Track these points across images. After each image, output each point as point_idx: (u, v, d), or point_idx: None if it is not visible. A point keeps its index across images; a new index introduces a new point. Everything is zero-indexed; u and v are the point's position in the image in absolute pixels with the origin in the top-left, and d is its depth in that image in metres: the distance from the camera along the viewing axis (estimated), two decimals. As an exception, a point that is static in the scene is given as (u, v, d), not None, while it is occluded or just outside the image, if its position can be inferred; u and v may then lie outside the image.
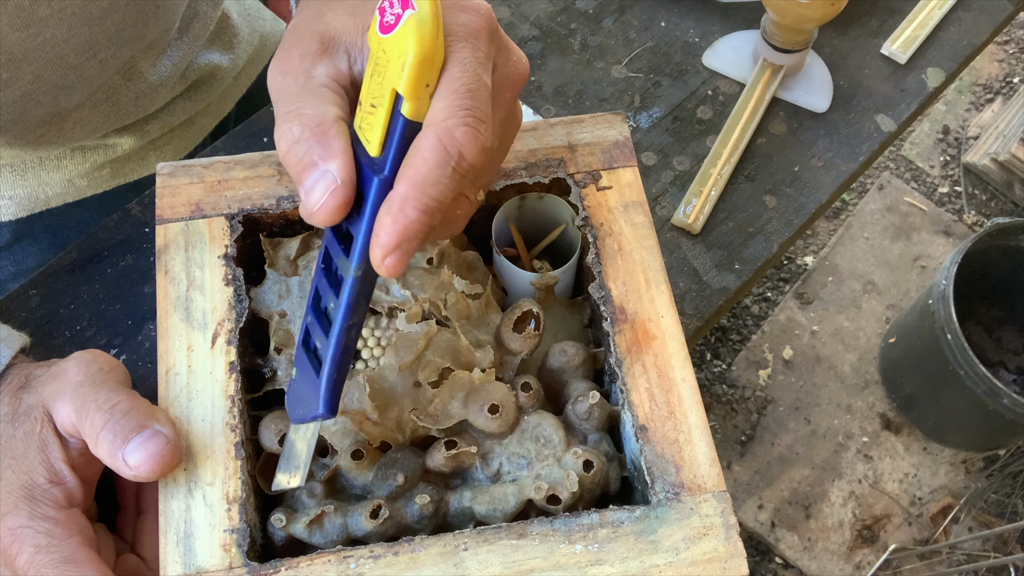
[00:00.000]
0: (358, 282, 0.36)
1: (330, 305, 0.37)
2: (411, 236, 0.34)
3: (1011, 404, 1.31)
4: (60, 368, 0.43)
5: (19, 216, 0.66)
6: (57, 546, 0.39)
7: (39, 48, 0.52)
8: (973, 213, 1.83)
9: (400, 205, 0.34)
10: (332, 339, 0.36)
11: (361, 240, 0.35)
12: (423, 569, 0.38)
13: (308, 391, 0.38)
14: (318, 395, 0.37)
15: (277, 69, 0.39)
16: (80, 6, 0.52)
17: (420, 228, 0.34)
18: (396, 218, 0.34)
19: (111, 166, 0.68)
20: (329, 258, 0.37)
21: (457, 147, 0.34)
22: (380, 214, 0.34)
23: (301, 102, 0.37)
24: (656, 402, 0.43)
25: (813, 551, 1.51)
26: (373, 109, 0.35)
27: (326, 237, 0.37)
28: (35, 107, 0.56)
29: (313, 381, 0.37)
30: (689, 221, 0.63)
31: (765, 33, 0.68)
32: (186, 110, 0.70)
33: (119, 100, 0.62)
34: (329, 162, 0.35)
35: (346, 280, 0.36)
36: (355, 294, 0.36)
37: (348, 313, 0.36)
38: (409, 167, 0.34)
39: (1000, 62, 2.00)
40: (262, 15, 0.77)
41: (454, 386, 0.43)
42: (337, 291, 0.36)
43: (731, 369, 1.65)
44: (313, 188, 0.35)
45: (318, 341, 0.38)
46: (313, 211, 0.35)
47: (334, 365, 0.37)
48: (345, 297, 0.36)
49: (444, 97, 0.35)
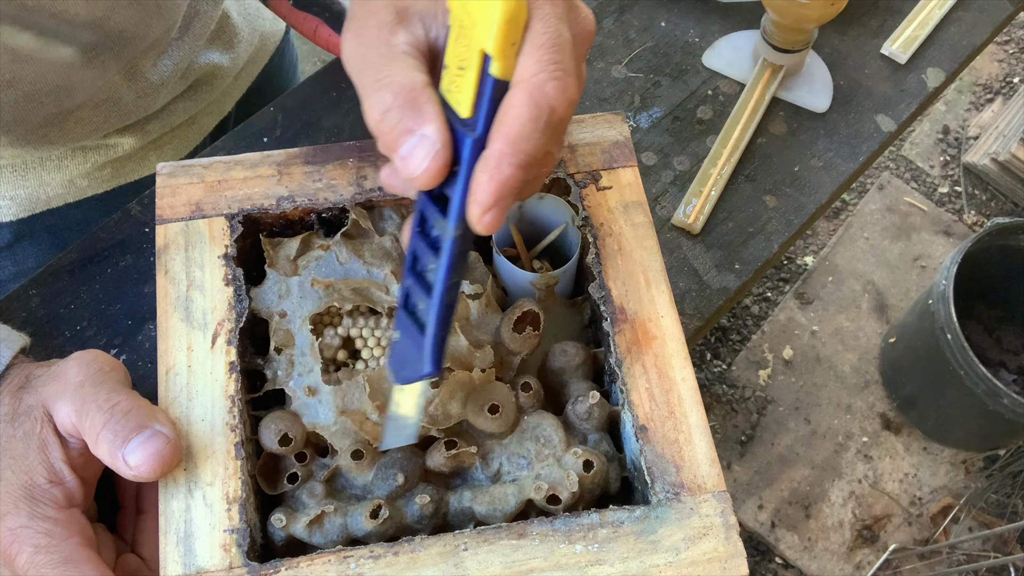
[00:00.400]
0: (457, 241, 0.37)
1: (428, 267, 0.38)
2: (508, 192, 0.35)
3: (1011, 404, 1.31)
4: (60, 368, 0.43)
5: (20, 216, 0.66)
6: (57, 546, 0.39)
7: (41, 48, 0.52)
8: (973, 213, 1.83)
9: (496, 162, 0.34)
10: (435, 299, 0.37)
11: (458, 200, 0.36)
12: (423, 569, 0.38)
13: (412, 352, 0.38)
14: (423, 354, 0.38)
15: (354, 42, 0.39)
16: (83, 7, 0.52)
17: (516, 184, 0.35)
18: (493, 175, 0.34)
19: (112, 166, 0.68)
20: (423, 221, 0.38)
21: (548, 101, 0.35)
22: (476, 172, 0.35)
23: (388, 71, 0.37)
24: (656, 402, 0.43)
25: (813, 551, 1.51)
26: (461, 71, 0.36)
27: (420, 202, 0.38)
28: (37, 107, 0.56)
29: (417, 341, 0.38)
30: (689, 221, 0.63)
31: (765, 33, 0.68)
32: (186, 110, 0.70)
33: (120, 100, 0.62)
34: (425, 126, 0.36)
35: (445, 241, 0.37)
36: (455, 253, 0.37)
37: (449, 272, 0.37)
38: (503, 124, 0.35)
39: (1000, 62, 2.00)
40: (262, 15, 0.77)
41: (454, 386, 0.43)
42: (435, 253, 0.37)
43: (731, 369, 1.65)
44: (412, 154, 0.36)
45: (419, 302, 0.38)
46: (415, 175, 0.36)
47: (438, 324, 0.37)
48: (446, 257, 0.37)
49: (531, 53, 0.35)
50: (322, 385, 0.44)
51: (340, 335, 0.46)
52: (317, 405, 0.44)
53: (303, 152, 0.49)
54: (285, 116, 0.65)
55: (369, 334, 0.46)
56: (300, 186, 0.48)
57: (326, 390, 0.44)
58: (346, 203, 0.47)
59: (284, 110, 0.66)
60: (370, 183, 0.48)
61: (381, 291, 0.46)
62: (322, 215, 0.48)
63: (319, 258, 0.47)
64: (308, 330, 0.45)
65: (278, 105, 0.66)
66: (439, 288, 0.37)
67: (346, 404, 0.43)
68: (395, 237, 0.48)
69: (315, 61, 1.80)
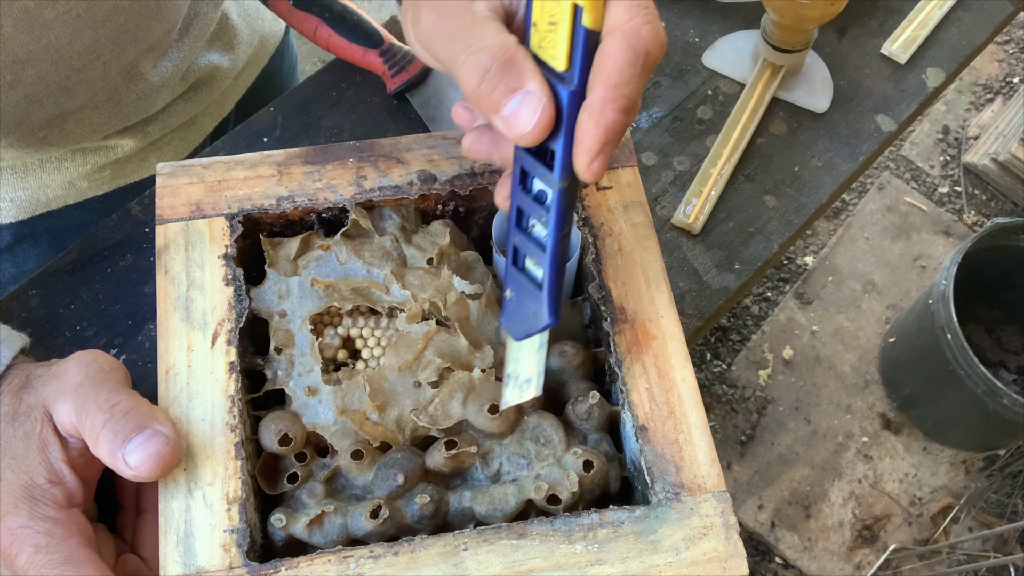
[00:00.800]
0: (565, 192, 0.38)
1: (533, 222, 0.39)
2: (613, 137, 0.36)
3: (1011, 404, 1.31)
4: (60, 368, 0.43)
5: (20, 218, 0.66)
6: (57, 546, 0.39)
7: (43, 50, 0.52)
8: (973, 213, 1.83)
9: (600, 108, 0.35)
10: (548, 250, 0.38)
11: (562, 152, 0.37)
12: (423, 569, 0.38)
13: (528, 306, 0.40)
14: (542, 306, 0.39)
15: (434, 14, 0.39)
16: (84, 8, 0.52)
17: (620, 128, 0.36)
18: (598, 122, 0.35)
19: (112, 167, 0.68)
20: (525, 177, 0.39)
21: (644, 45, 0.36)
22: (581, 121, 0.36)
23: (479, 35, 0.37)
24: (656, 402, 0.43)
25: (813, 551, 1.51)
26: (552, 27, 0.37)
27: (522, 160, 0.39)
28: (38, 109, 0.56)
29: (533, 295, 0.39)
30: (689, 221, 0.63)
31: (765, 33, 0.68)
32: (186, 111, 0.70)
33: (120, 101, 0.62)
34: (527, 83, 0.36)
35: (553, 193, 0.38)
36: (564, 204, 0.38)
37: (559, 223, 0.38)
38: (602, 72, 0.36)
39: (1000, 62, 2.00)
40: (261, 15, 0.77)
41: (454, 386, 0.43)
42: (540, 207, 0.39)
43: (731, 369, 1.65)
44: (519, 111, 0.36)
45: (530, 257, 0.40)
46: (524, 132, 0.36)
47: (554, 274, 0.39)
48: (555, 209, 0.38)
49: (620, 2, 0.36)
50: (322, 385, 0.44)
51: (340, 335, 0.46)
52: (317, 405, 0.44)
53: (303, 152, 0.49)
54: (285, 116, 0.65)
55: (369, 334, 0.46)
56: (300, 186, 0.48)
57: (326, 390, 0.44)
58: (346, 203, 0.47)
59: (284, 110, 0.66)
60: (370, 183, 0.48)
61: (381, 291, 0.46)
62: (322, 215, 0.48)
63: (319, 258, 0.47)
64: (308, 330, 0.45)
65: (278, 105, 0.66)
66: (552, 240, 0.38)
67: (346, 404, 0.43)
68: (395, 237, 0.48)
69: (315, 61, 1.80)
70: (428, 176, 0.48)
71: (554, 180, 0.37)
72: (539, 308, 0.39)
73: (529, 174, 0.39)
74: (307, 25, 0.66)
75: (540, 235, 0.39)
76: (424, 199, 0.49)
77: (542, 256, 0.39)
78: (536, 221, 0.39)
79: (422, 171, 0.48)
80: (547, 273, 0.39)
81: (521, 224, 0.40)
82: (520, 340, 0.41)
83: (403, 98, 0.66)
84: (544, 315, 0.39)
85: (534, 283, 0.40)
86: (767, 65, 0.69)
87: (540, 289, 0.39)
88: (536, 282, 0.39)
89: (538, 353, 0.41)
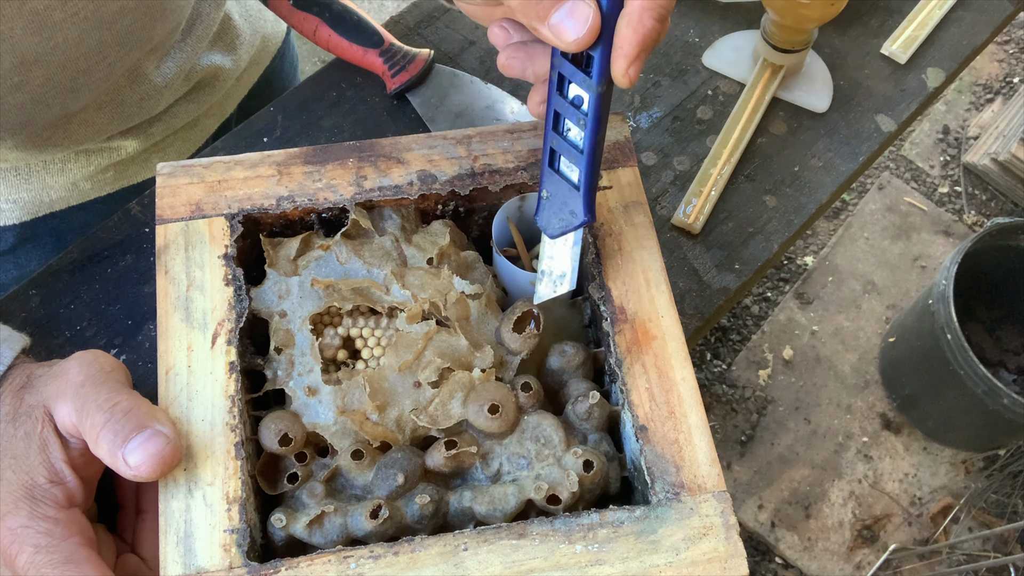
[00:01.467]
0: (602, 97, 0.40)
1: (569, 126, 0.42)
2: (649, 44, 0.38)
3: (1011, 404, 1.31)
4: (61, 368, 0.43)
5: (23, 220, 0.66)
6: (57, 546, 0.39)
7: (51, 52, 0.52)
8: (973, 213, 1.83)
9: (639, 16, 0.37)
10: (586, 152, 0.41)
11: (601, 58, 0.39)
12: (423, 569, 0.38)
13: (564, 205, 0.43)
14: (580, 204, 0.42)
15: None
16: (92, 10, 0.52)
17: (655, 36, 0.38)
18: (636, 28, 0.37)
19: (115, 169, 0.68)
20: (562, 83, 0.41)
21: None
22: (620, 28, 0.38)
23: None
24: (656, 402, 0.43)
25: (813, 551, 1.51)
26: None
27: (560, 67, 0.41)
28: (43, 110, 0.56)
29: (569, 194, 0.42)
30: (689, 221, 0.63)
31: (765, 33, 0.68)
32: (189, 112, 0.70)
33: (124, 102, 0.62)
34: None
35: (591, 97, 0.40)
36: (601, 108, 0.40)
37: (596, 125, 0.40)
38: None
39: (1000, 62, 2.00)
40: (263, 16, 0.77)
41: (454, 386, 0.44)
42: (577, 111, 0.41)
43: (731, 369, 1.65)
44: (568, 17, 0.38)
45: (565, 159, 0.42)
46: (575, 38, 0.38)
47: (590, 175, 0.41)
48: (592, 111, 0.40)
49: None
50: (322, 385, 0.44)
51: (340, 335, 0.46)
52: (317, 405, 0.44)
53: (303, 152, 0.49)
54: (285, 116, 0.66)
55: (369, 334, 0.46)
56: (300, 186, 0.48)
57: (326, 390, 0.44)
58: (346, 203, 0.47)
59: (284, 110, 0.66)
60: (370, 183, 0.48)
61: (381, 291, 0.46)
62: (322, 215, 0.48)
63: (319, 258, 0.47)
64: (308, 330, 0.45)
65: (278, 105, 0.66)
66: (588, 141, 0.41)
67: (346, 404, 0.43)
68: (395, 237, 0.48)
69: (315, 61, 1.80)
70: (428, 176, 0.48)
71: (592, 84, 0.39)
72: (576, 206, 0.42)
73: (566, 80, 0.41)
74: (307, 25, 0.66)
75: (575, 139, 0.41)
76: (424, 199, 0.49)
77: (579, 158, 0.41)
78: (572, 125, 0.41)
79: (422, 171, 0.48)
80: (584, 174, 0.41)
81: (558, 128, 0.42)
82: (555, 238, 0.43)
83: (403, 98, 0.66)
84: (581, 212, 0.42)
85: (570, 183, 0.42)
86: (767, 65, 0.69)
87: (577, 189, 0.42)
88: (572, 183, 0.42)
89: (572, 250, 0.44)
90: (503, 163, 0.49)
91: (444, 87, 0.66)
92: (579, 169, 0.41)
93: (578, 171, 0.42)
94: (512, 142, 0.50)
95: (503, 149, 0.49)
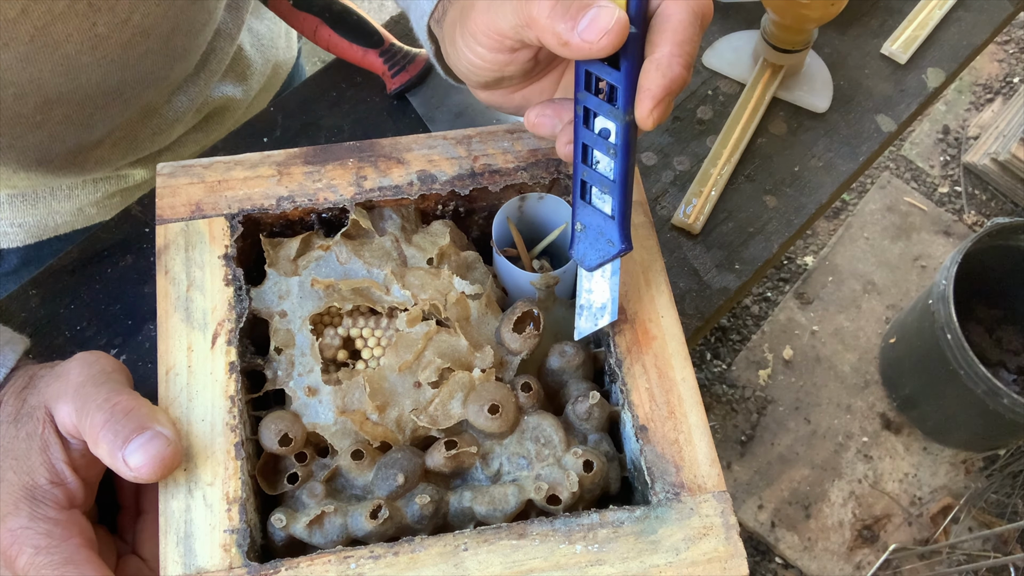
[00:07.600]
0: (630, 126, 0.41)
1: (598, 159, 0.42)
2: (675, 90, 0.39)
3: (1011, 404, 1.31)
4: (62, 369, 0.43)
5: (27, 243, 0.67)
6: (57, 547, 0.39)
7: (73, 91, 0.53)
8: (973, 213, 1.83)
9: (668, 62, 0.38)
10: (618, 181, 0.41)
11: (625, 88, 0.40)
12: (423, 569, 0.38)
13: (600, 235, 0.43)
14: (616, 233, 0.42)
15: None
16: (119, 54, 0.53)
17: (681, 83, 0.39)
18: (665, 73, 0.38)
19: (121, 195, 0.69)
20: (588, 117, 0.42)
21: (703, 8, 0.39)
22: (647, 71, 0.39)
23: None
24: (656, 402, 0.43)
25: (813, 551, 1.51)
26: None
27: (585, 101, 0.41)
28: (59, 145, 0.57)
29: (604, 224, 0.43)
30: (689, 221, 0.63)
31: (765, 33, 0.68)
32: (198, 141, 0.70)
33: (136, 137, 0.63)
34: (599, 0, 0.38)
35: (618, 126, 0.41)
36: (629, 137, 0.41)
37: (626, 154, 0.41)
38: (668, 31, 0.39)
39: (1000, 62, 2.00)
40: (275, 43, 0.76)
41: (454, 386, 0.43)
42: (605, 141, 0.41)
43: (731, 369, 1.65)
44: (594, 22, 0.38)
45: (597, 190, 0.43)
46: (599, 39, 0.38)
47: (624, 204, 0.42)
48: (621, 140, 0.41)
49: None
50: (322, 385, 0.44)
51: (340, 335, 0.46)
52: (317, 405, 0.44)
53: (303, 152, 0.49)
54: (285, 116, 0.66)
55: (369, 334, 0.46)
56: (300, 186, 0.48)
57: (326, 390, 0.44)
58: (346, 203, 0.47)
59: (284, 110, 0.66)
60: (370, 183, 0.48)
61: (381, 291, 0.46)
62: (322, 215, 0.48)
63: (319, 258, 0.47)
64: (308, 330, 0.45)
65: (278, 105, 0.66)
66: (620, 169, 0.41)
67: (346, 404, 0.43)
68: (395, 237, 0.48)
69: (315, 61, 1.80)
70: (428, 176, 0.48)
71: (619, 114, 0.40)
72: (612, 235, 0.42)
73: (592, 113, 0.42)
74: (307, 25, 0.66)
75: (605, 171, 0.42)
76: (424, 199, 0.49)
77: (612, 187, 0.42)
78: (602, 156, 0.42)
79: (422, 171, 0.48)
80: (617, 203, 0.42)
81: (587, 160, 0.43)
82: (593, 269, 0.43)
83: (403, 98, 0.66)
84: (617, 241, 0.42)
85: (603, 215, 0.42)
86: (767, 65, 0.69)
87: (612, 219, 0.42)
88: (605, 213, 0.42)
89: (611, 280, 0.44)
90: (503, 163, 0.49)
91: (444, 87, 0.66)
92: (612, 198, 0.42)
93: (611, 200, 0.42)
94: (512, 142, 0.50)
95: (503, 149, 0.49)
